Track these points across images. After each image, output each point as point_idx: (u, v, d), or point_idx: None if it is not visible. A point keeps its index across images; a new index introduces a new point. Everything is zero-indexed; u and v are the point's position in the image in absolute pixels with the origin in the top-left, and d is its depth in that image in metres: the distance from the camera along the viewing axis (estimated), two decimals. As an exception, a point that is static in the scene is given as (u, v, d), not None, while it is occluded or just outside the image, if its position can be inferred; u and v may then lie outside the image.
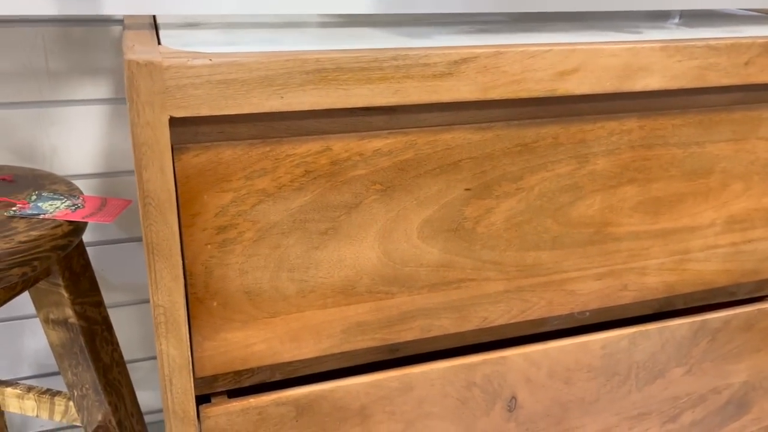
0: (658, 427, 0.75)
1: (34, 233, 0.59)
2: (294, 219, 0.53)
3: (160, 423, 1.09)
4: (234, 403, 0.56)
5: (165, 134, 0.45)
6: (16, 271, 0.57)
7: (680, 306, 0.72)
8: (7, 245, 0.57)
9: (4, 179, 0.72)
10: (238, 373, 0.57)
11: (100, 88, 0.86)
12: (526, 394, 0.66)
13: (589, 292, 0.66)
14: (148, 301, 1.01)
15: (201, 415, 0.55)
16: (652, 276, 0.68)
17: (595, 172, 0.61)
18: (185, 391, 0.54)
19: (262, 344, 0.56)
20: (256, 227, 0.52)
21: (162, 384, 0.54)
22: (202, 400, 0.57)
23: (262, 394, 0.57)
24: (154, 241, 0.48)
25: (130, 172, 0.92)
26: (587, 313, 0.68)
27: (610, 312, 0.69)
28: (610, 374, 0.69)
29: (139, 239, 0.96)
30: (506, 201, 0.59)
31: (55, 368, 0.99)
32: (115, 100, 0.87)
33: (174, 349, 0.52)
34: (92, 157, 0.89)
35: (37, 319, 0.96)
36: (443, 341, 0.63)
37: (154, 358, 1.05)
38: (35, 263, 0.59)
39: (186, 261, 0.51)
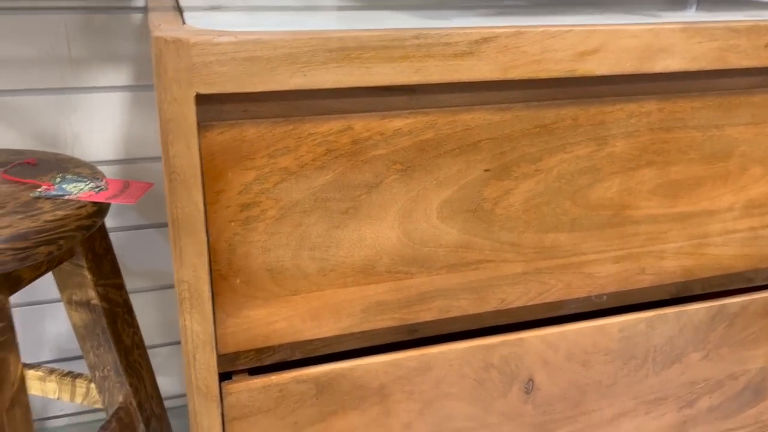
0: (675, 412, 0.75)
1: (60, 213, 0.61)
2: (316, 198, 0.54)
3: (178, 408, 1.11)
4: (255, 380, 0.57)
5: (191, 110, 0.46)
6: (42, 249, 0.58)
7: (698, 291, 0.72)
8: (34, 224, 0.58)
9: (28, 162, 0.74)
10: (260, 351, 0.58)
11: (121, 75, 0.87)
12: (544, 377, 0.67)
13: (607, 275, 0.66)
14: (167, 287, 1.02)
15: (223, 391, 0.56)
16: (670, 260, 0.68)
17: (614, 155, 0.61)
18: (208, 367, 0.55)
19: (283, 322, 0.57)
20: (278, 205, 0.53)
21: (185, 360, 0.55)
22: (223, 378, 0.58)
23: (282, 371, 0.58)
24: (179, 216, 0.49)
25: (149, 159, 0.93)
26: (605, 297, 0.68)
27: (627, 296, 0.69)
28: (628, 358, 0.69)
29: (158, 225, 0.98)
30: (525, 182, 0.59)
31: (76, 353, 1.01)
32: (136, 87, 0.89)
33: (198, 324, 0.53)
34: (113, 144, 0.90)
35: (59, 304, 0.98)
36: (461, 322, 0.63)
37: (173, 343, 1.06)
38: (61, 242, 0.60)
39: (210, 238, 0.52)
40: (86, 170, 0.72)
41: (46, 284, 0.96)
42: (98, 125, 0.88)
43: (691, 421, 0.76)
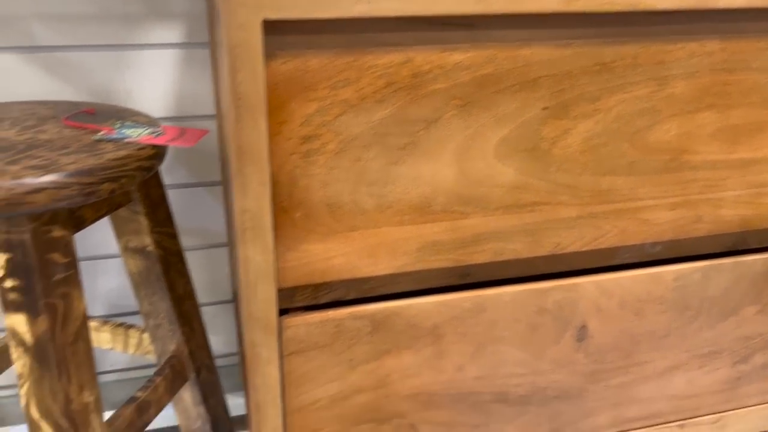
0: (729, 367, 0.74)
1: (122, 153, 0.62)
2: (375, 132, 0.54)
3: (225, 368, 1.13)
4: (313, 315, 0.58)
5: (258, 36, 0.47)
6: (106, 186, 0.60)
7: (754, 245, 0.71)
8: (99, 161, 0.60)
9: (86, 112, 0.75)
10: (317, 288, 0.58)
11: (174, 32, 0.89)
12: (597, 324, 0.66)
13: (662, 222, 0.65)
14: (214, 246, 1.04)
15: (282, 324, 0.57)
16: (727, 208, 0.67)
17: (674, 96, 0.60)
18: (268, 299, 0.55)
19: (341, 258, 0.57)
20: (338, 139, 0.53)
21: (245, 293, 0.56)
22: (280, 314, 0.59)
23: (339, 307, 0.59)
24: (244, 144, 0.49)
25: (201, 117, 0.94)
26: (659, 247, 0.67)
27: (682, 246, 0.68)
28: (682, 308, 0.69)
29: (208, 184, 0.99)
30: (583, 122, 0.59)
31: (127, 308, 1.03)
32: (188, 45, 0.90)
33: (259, 255, 0.54)
34: (165, 100, 0.92)
35: (111, 260, 1.00)
36: (515, 267, 0.63)
37: (219, 302, 1.08)
38: (123, 180, 0.61)
39: (272, 169, 0.53)
40: (143, 118, 0.74)
41: (99, 239, 0.98)
42: (151, 82, 0.90)
43: (745, 378, 0.75)
